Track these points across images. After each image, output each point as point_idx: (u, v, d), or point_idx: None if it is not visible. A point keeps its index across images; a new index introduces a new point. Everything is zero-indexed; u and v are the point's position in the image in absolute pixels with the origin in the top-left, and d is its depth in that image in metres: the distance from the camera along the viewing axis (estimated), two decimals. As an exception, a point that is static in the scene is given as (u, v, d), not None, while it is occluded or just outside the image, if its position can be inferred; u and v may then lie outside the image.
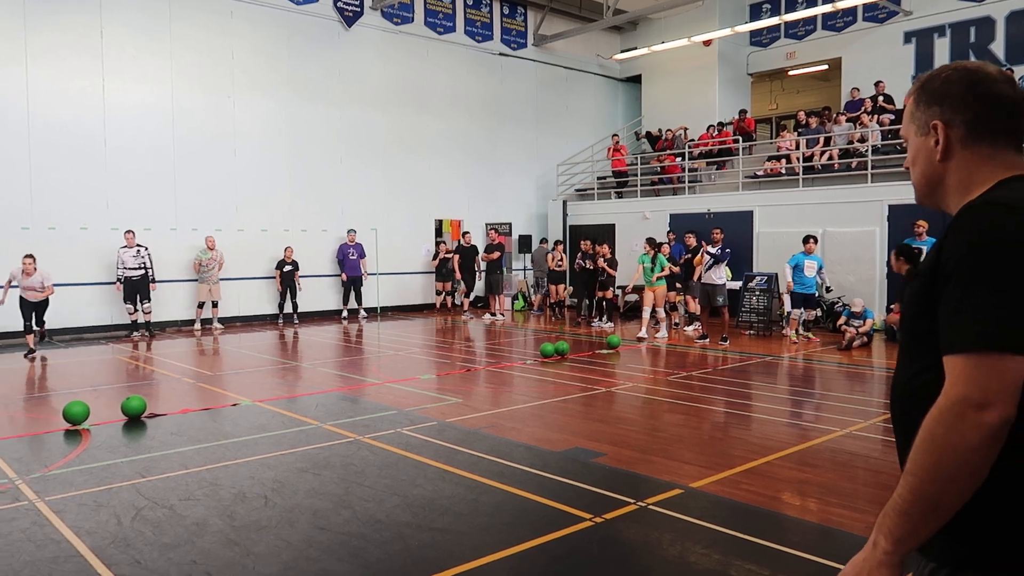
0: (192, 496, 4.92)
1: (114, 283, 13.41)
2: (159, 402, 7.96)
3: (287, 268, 15.08)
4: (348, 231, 16.35)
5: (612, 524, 4.36)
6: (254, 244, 15.35)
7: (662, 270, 13.20)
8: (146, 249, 13.44)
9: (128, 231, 13.33)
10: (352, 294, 16.38)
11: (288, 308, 15.37)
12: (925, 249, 12.11)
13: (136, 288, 13.34)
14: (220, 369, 10.11)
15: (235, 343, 12.99)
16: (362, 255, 16.35)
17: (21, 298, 11.24)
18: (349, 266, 16.24)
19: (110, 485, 5.17)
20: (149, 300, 13.52)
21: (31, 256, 11.20)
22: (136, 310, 13.43)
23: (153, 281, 13.47)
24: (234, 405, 7.75)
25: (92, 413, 6.97)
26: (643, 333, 12.98)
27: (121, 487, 5.12)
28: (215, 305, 14.39)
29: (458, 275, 16.87)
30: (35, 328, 11.32)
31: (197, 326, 14.20)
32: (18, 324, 11.38)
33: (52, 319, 12.08)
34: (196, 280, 14.33)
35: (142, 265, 13.34)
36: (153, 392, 8.60)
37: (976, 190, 1.45)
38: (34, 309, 11.28)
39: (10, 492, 5.03)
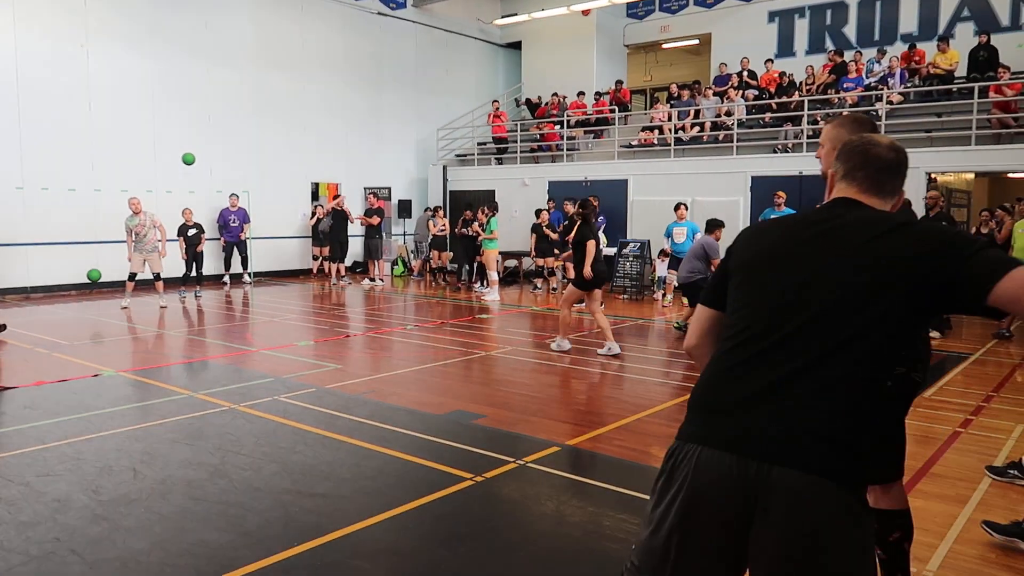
0: (52, 472, 4.64)
1: None
2: (7, 373, 7.41)
3: (192, 232, 13.82)
4: (230, 195, 15.60)
5: (492, 482, 4.49)
6: (116, 206, 14.18)
7: (491, 233, 14.18)
8: None
9: None
10: (234, 259, 15.76)
11: (194, 273, 14.01)
12: (783, 218, 12.91)
13: None
14: (79, 338, 9.49)
15: (96, 311, 12.20)
16: (245, 220, 15.71)
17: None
18: (229, 232, 15.60)
19: (-44, 463, 4.80)
20: None
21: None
22: None
23: None
24: (95, 376, 7.33)
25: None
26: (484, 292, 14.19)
27: (-31, 465, 4.77)
28: (157, 277, 12.24)
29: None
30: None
31: (125, 301, 12.03)
32: None
33: None
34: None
35: None
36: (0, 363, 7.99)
37: None
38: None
39: None
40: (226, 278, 15.84)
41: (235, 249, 15.75)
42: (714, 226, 9.70)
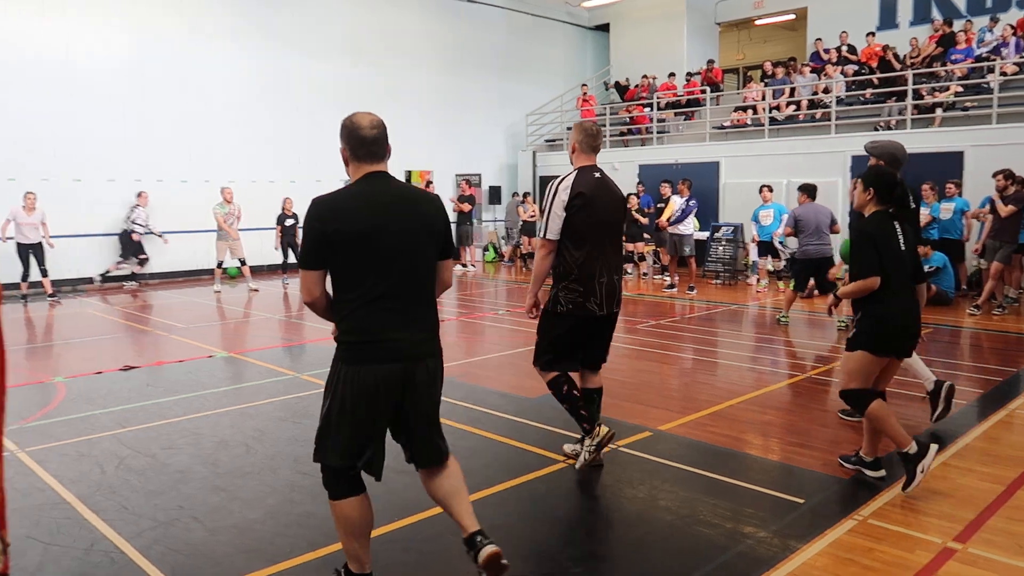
0: (174, 445, 5.01)
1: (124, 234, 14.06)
2: (131, 354, 7.97)
3: (288, 222, 14.24)
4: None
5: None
6: (209, 198, 14.74)
7: None
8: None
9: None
10: None
11: (291, 260, 14.16)
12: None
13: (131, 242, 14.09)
14: (192, 321, 10.09)
15: (205, 296, 12.92)
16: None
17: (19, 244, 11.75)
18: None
19: (90, 436, 5.24)
20: (145, 253, 14.22)
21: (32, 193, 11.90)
22: (121, 264, 14.11)
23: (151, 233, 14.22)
24: (209, 357, 7.80)
25: (66, 366, 6.97)
26: None
27: (102, 437, 5.19)
28: (243, 263, 13.44)
29: None
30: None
31: (217, 287, 13.25)
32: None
33: (34, 273, 12.11)
34: (214, 234, 13.48)
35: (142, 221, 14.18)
36: (126, 344, 8.59)
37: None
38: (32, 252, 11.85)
39: (-10, 444, 5.06)
40: None
41: None
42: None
